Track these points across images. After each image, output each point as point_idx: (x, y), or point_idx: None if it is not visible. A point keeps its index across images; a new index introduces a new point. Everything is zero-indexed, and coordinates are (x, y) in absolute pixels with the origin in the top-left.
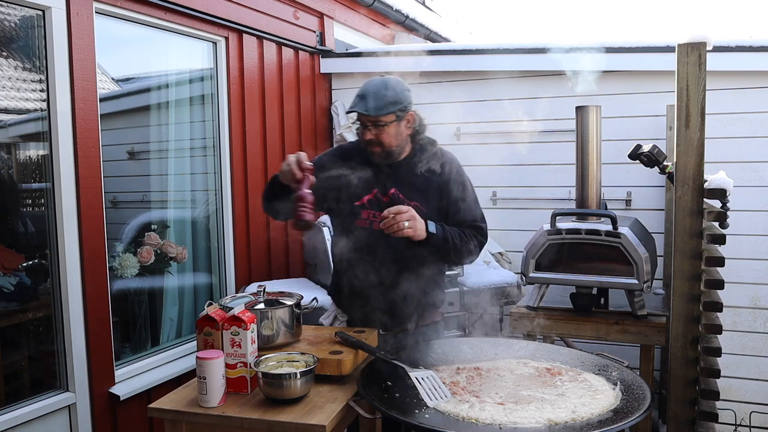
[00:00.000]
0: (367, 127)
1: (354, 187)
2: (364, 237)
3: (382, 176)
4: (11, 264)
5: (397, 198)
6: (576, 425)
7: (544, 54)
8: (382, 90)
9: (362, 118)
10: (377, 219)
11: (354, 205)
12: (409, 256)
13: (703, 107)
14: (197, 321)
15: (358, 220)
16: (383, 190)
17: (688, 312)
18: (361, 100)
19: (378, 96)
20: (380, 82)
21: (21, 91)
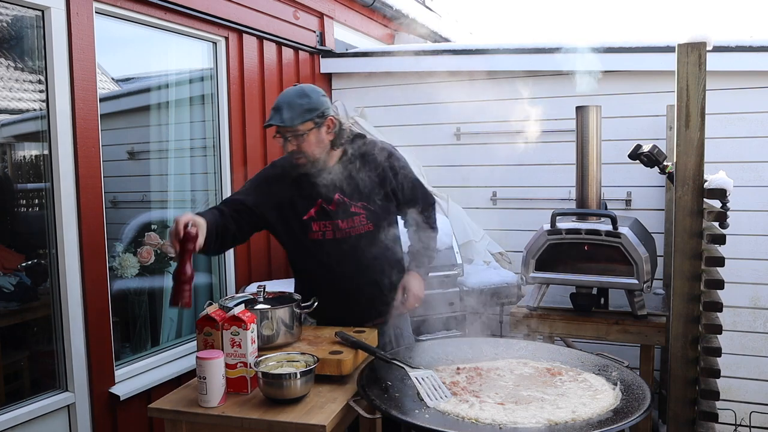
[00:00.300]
0: (287, 139)
1: (297, 202)
2: (321, 248)
3: (323, 185)
4: (11, 264)
5: (343, 202)
6: (576, 425)
7: (545, 54)
8: (296, 99)
9: (281, 130)
10: (329, 228)
11: (302, 220)
12: (368, 257)
13: (703, 107)
14: (197, 321)
15: (310, 233)
16: (327, 199)
17: (688, 312)
18: (275, 113)
19: (292, 106)
20: (294, 91)
21: (21, 91)
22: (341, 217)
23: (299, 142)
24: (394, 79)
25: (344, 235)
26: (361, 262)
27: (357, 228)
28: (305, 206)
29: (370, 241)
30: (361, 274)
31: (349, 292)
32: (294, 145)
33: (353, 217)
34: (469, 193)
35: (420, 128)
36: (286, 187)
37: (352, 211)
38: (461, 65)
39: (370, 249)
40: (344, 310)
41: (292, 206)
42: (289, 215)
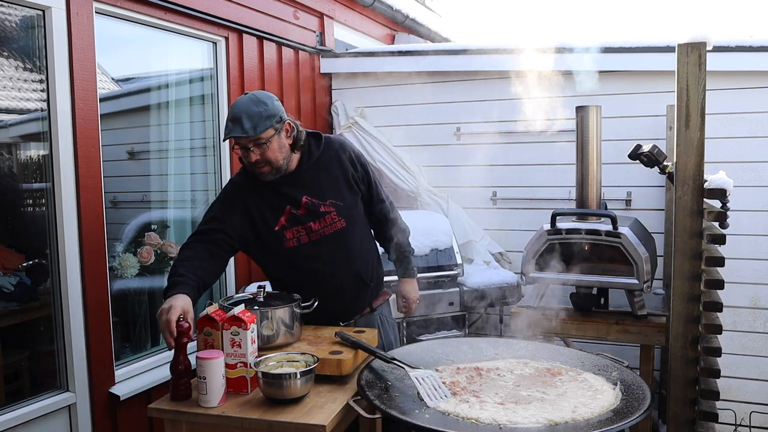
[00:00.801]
0: (249, 150)
1: (265, 214)
2: (298, 255)
3: (288, 191)
4: (11, 264)
5: (311, 203)
6: (576, 425)
7: (545, 54)
8: (253, 107)
9: (242, 141)
10: (303, 233)
11: (275, 231)
12: (346, 252)
13: (703, 107)
14: (197, 321)
15: (285, 242)
16: (295, 204)
17: (688, 312)
18: (234, 124)
19: (250, 115)
20: (247, 99)
21: (21, 91)
22: (312, 219)
23: (262, 151)
24: (394, 79)
25: (318, 236)
26: (340, 259)
27: (330, 226)
28: (274, 216)
29: (345, 237)
30: (343, 271)
31: (334, 290)
32: (257, 155)
33: (324, 216)
34: (469, 193)
35: (420, 128)
36: (251, 203)
37: (322, 210)
38: (461, 65)
39: (346, 244)
40: (332, 308)
41: (262, 220)
42: (260, 230)
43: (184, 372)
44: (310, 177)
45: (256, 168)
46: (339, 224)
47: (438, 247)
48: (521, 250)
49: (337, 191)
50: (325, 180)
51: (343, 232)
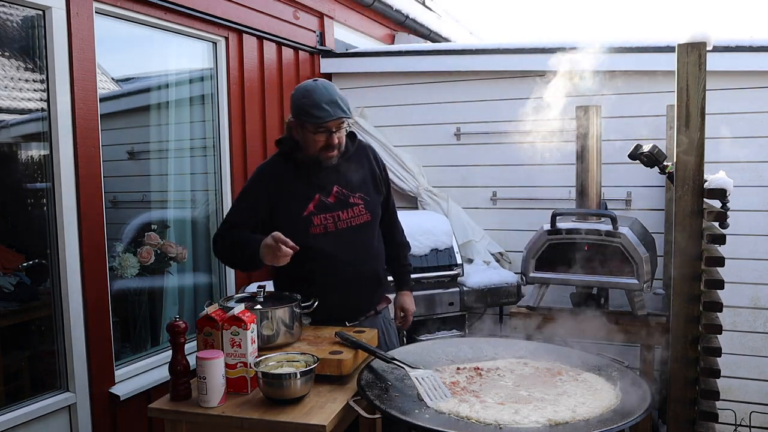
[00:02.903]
0: (333, 132)
1: (293, 201)
2: (323, 241)
3: (320, 179)
4: (11, 264)
5: (342, 193)
6: (576, 425)
7: (545, 54)
8: (339, 92)
9: (334, 123)
10: (330, 221)
11: (303, 216)
12: (367, 247)
13: (703, 107)
14: (197, 321)
15: (311, 228)
16: (325, 193)
17: (688, 312)
18: (334, 106)
19: (341, 98)
20: (329, 85)
21: (21, 91)
22: (341, 208)
23: (341, 134)
24: (394, 79)
25: (345, 225)
26: (360, 253)
27: (357, 218)
28: (303, 203)
29: (367, 232)
30: (362, 265)
31: (350, 283)
32: (338, 137)
33: (353, 207)
34: (469, 193)
35: (420, 128)
36: (279, 190)
37: (351, 201)
38: (461, 65)
39: (368, 239)
40: (343, 303)
41: (287, 208)
42: (287, 216)
43: (182, 372)
44: (343, 169)
45: (332, 151)
46: (365, 217)
47: (438, 247)
48: (521, 250)
49: (365, 187)
50: (356, 174)
51: (367, 227)
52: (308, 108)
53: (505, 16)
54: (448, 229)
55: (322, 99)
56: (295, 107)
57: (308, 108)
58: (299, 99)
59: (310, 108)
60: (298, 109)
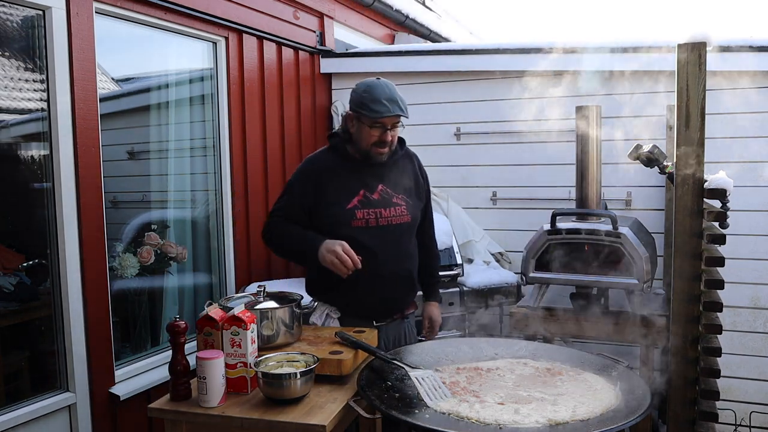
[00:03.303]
0: (388, 129)
1: (339, 192)
2: (363, 235)
3: (366, 176)
4: (11, 264)
5: (386, 192)
6: (576, 425)
7: (544, 54)
8: (399, 93)
9: (391, 120)
10: (372, 216)
11: (346, 209)
12: (405, 248)
13: (703, 107)
14: (197, 321)
15: (354, 221)
16: (370, 189)
17: (688, 312)
18: (393, 104)
19: (401, 98)
20: (390, 84)
21: (21, 91)
22: (384, 206)
23: (393, 134)
24: (394, 79)
25: (386, 222)
26: (398, 252)
27: (398, 217)
28: (348, 196)
29: (406, 232)
30: (399, 264)
31: (386, 281)
32: (392, 135)
33: (395, 206)
34: (469, 193)
35: (420, 128)
36: (327, 180)
37: (394, 201)
38: (461, 65)
39: (406, 240)
40: (377, 301)
41: (334, 197)
42: (331, 207)
43: (182, 372)
44: (389, 169)
45: (383, 147)
46: (406, 218)
47: (438, 248)
48: (521, 250)
49: (408, 191)
50: (401, 178)
51: (407, 227)
52: (368, 102)
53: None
54: (448, 229)
55: (383, 95)
56: (355, 100)
57: (368, 102)
58: (360, 93)
59: (369, 102)
60: (357, 102)
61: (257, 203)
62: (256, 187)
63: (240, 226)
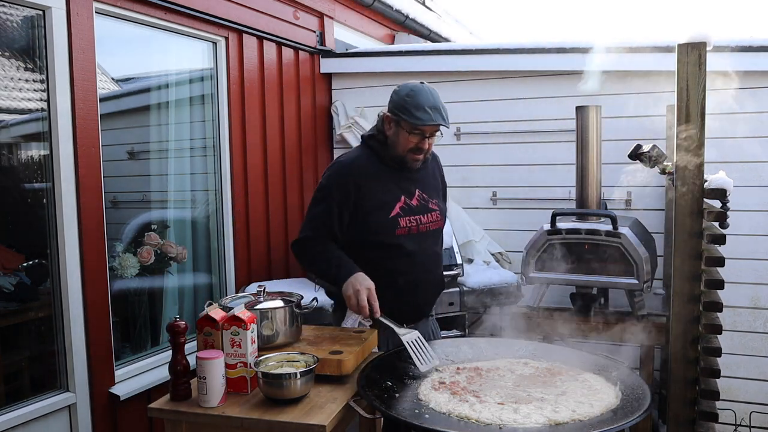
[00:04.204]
0: (426, 137)
1: (380, 199)
2: (407, 243)
3: (404, 182)
4: (11, 264)
5: (423, 198)
6: (576, 425)
7: (545, 54)
8: (441, 101)
9: (432, 129)
10: (414, 224)
11: (390, 217)
12: (437, 253)
13: (703, 107)
14: (197, 321)
15: (398, 230)
16: (409, 195)
17: (688, 312)
18: (436, 113)
19: (444, 107)
20: (434, 91)
21: (21, 91)
22: (422, 212)
23: (431, 142)
24: (394, 79)
25: (426, 228)
26: (432, 258)
27: (434, 223)
28: (390, 203)
29: (439, 238)
30: (433, 269)
31: (421, 285)
32: (430, 143)
33: (431, 212)
34: (469, 193)
35: None
36: (367, 185)
37: (430, 207)
38: (461, 65)
39: (439, 246)
40: (412, 304)
41: (377, 204)
42: (375, 214)
43: (182, 372)
44: (422, 176)
45: (419, 154)
46: (439, 223)
47: None
48: (521, 250)
49: (438, 195)
50: (432, 182)
51: (439, 233)
52: (410, 107)
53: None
54: (448, 229)
55: (426, 102)
56: (397, 103)
57: (410, 107)
58: (403, 96)
59: (412, 108)
60: (399, 105)
61: (257, 203)
62: (256, 187)
63: (240, 226)
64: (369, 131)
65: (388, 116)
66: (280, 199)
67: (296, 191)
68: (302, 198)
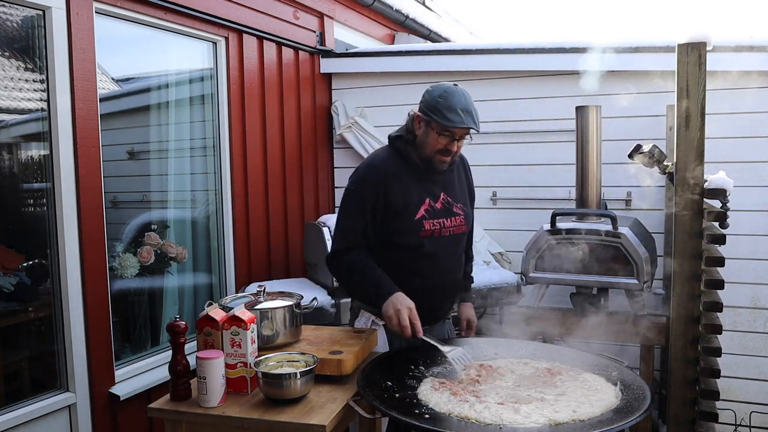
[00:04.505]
0: (456, 140)
1: (405, 200)
2: (429, 245)
3: (430, 184)
4: (11, 264)
5: (447, 201)
6: (576, 425)
7: (545, 54)
8: (473, 102)
9: (460, 131)
10: (437, 227)
11: (415, 218)
12: (458, 257)
13: (703, 107)
14: (197, 321)
15: (422, 232)
16: (434, 197)
17: (688, 312)
18: (467, 116)
19: (475, 110)
20: (467, 93)
21: (21, 91)
22: (446, 215)
23: (460, 145)
24: (394, 79)
25: (448, 232)
26: (454, 262)
27: (457, 227)
28: (416, 205)
29: (462, 243)
30: (454, 273)
31: (440, 289)
32: (458, 146)
33: (455, 216)
34: None
35: None
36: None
37: (455, 210)
38: (461, 65)
39: (461, 250)
40: (432, 307)
41: (404, 205)
42: (401, 216)
43: (182, 372)
44: (448, 178)
45: (447, 156)
46: (463, 228)
47: None
48: (521, 250)
49: (463, 199)
50: (458, 185)
51: (462, 237)
52: (442, 108)
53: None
54: None
55: (459, 104)
56: (428, 103)
57: (442, 108)
58: (436, 97)
59: (444, 109)
60: (431, 106)
61: (257, 203)
62: (256, 187)
63: (240, 226)
64: (396, 132)
65: (418, 116)
66: (280, 199)
67: (296, 191)
68: (302, 198)
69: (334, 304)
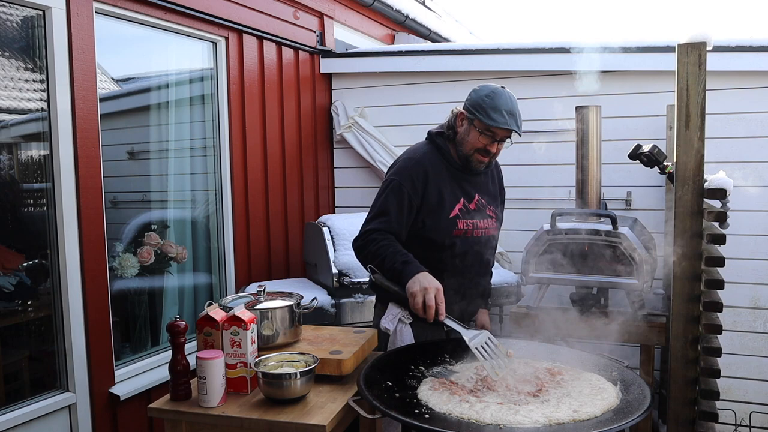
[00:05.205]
0: (496, 141)
1: (441, 197)
2: (460, 245)
3: (466, 185)
4: (11, 264)
5: (481, 203)
6: (576, 425)
7: (545, 54)
8: (518, 107)
9: (502, 132)
10: (470, 227)
11: (449, 217)
12: (486, 259)
13: (703, 107)
14: (197, 321)
15: (455, 231)
16: (468, 198)
17: (688, 312)
18: (511, 118)
19: (519, 114)
20: (513, 97)
21: (21, 91)
22: (479, 217)
23: (500, 147)
24: (394, 79)
25: (480, 234)
26: (482, 264)
27: (489, 229)
28: (451, 203)
29: (491, 245)
30: (481, 276)
31: (467, 291)
32: (498, 148)
33: (488, 219)
34: None
35: (420, 128)
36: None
37: (487, 213)
38: (461, 65)
39: (490, 253)
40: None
41: (439, 201)
42: (435, 212)
43: (182, 372)
44: (483, 181)
45: (485, 156)
46: (493, 231)
47: None
48: (521, 250)
49: (495, 203)
50: (492, 189)
51: (492, 240)
52: (487, 108)
53: (505, 16)
54: None
55: (504, 106)
56: (474, 102)
57: (487, 108)
58: (482, 96)
59: (489, 108)
60: (476, 104)
61: (257, 203)
62: (256, 187)
63: (240, 226)
64: (437, 128)
65: (462, 113)
66: (280, 199)
67: (296, 191)
68: (302, 198)
69: (334, 304)
